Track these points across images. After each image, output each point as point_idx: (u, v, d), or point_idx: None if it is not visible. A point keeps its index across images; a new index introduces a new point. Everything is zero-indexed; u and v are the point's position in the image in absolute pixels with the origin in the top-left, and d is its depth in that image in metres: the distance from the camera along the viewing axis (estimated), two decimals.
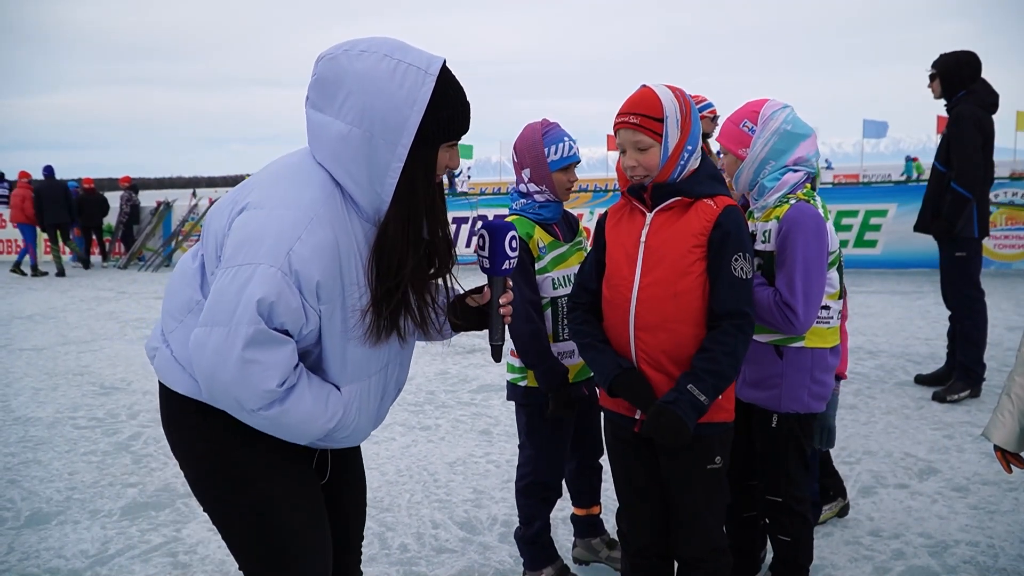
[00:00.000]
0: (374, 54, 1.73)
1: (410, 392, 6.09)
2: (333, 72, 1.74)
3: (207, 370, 1.71)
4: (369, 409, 1.94)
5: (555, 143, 2.85)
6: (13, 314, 10.54)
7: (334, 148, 1.75)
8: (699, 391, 2.17)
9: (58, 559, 3.53)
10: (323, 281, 1.71)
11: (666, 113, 2.25)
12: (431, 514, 3.89)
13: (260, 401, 1.71)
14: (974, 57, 5.35)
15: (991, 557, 3.27)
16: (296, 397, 1.75)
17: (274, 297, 1.66)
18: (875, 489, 3.99)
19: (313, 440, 1.86)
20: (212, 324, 1.69)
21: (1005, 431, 2.38)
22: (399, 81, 1.71)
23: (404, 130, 1.72)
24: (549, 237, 2.90)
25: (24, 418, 5.71)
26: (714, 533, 2.39)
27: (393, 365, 2.00)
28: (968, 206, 5.22)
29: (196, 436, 1.90)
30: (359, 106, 1.71)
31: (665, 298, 2.27)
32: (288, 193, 1.75)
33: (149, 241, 16.71)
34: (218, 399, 1.75)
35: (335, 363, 1.83)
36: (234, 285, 1.67)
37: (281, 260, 1.66)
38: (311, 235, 1.69)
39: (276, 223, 1.69)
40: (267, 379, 1.69)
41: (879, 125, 24.72)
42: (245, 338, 1.66)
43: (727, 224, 2.25)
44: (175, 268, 1.98)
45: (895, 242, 11.37)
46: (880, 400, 5.47)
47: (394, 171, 1.74)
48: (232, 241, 1.72)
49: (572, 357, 2.91)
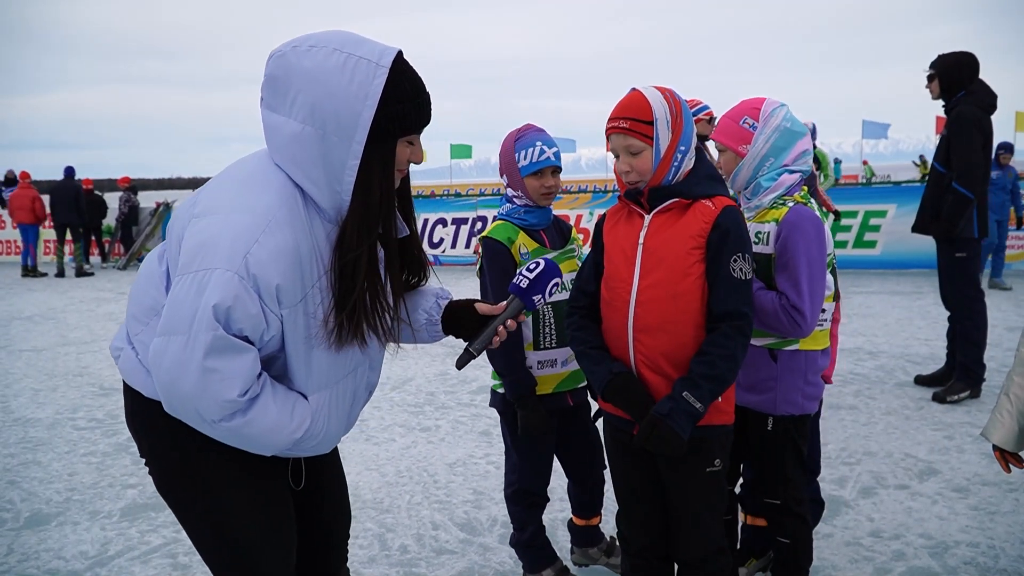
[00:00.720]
0: (323, 48, 1.68)
1: (410, 393, 6.09)
2: (282, 70, 1.70)
3: (166, 381, 1.66)
4: (339, 416, 1.89)
5: (526, 148, 2.81)
6: (13, 315, 10.54)
7: (289, 149, 1.71)
8: (695, 398, 2.16)
9: (58, 560, 3.53)
10: (283, 285, 1.66)
11: (656, 115, 2.24)
12: (431, 515, 3.88)
13: (221, 412, 1.65)
14: (972, 58, 5.35)
15: (991, 558, 3.27)
16: (260, 408, 1.70)
17: (231, 302, 1.61)
18: (875, 490, 3.99)
19: (280, 451, 1.80)
20: (170, 333, 1.64)
21: (1004, 431, 2.38)
22: (350, 76, 1.66)
23: (358, 126, 1.67)
24: (534, 243, 2.87)
25: (24, 419, 5.71)
26: (714, 535, 2.39)
27: (362, 369, 1.94)
28: (969, 207, 5.22)
29: (159, 438, 1.86)
30: (310, 103, 1.66)
31: (664, 300, 2.26)
32: (244, 198, 1.70)
33: (149, 242, 16.72)
34: (178, 411, 1.70)
35: (300, 370, 1.78)
36: (190, 292, 1.62)
37: (238, 264, 1.61)
38: (269, 238, 1.64)
39: (231, 228, 1.64)
40: (228, 389, 1.64)
41: (880, 126, 24.64)
42: (205, 346, 1.61)
43: (726, 224, 2.24)
44: (140, 270, 1.94)
45: (895, 243, 11.38)
46: (880, 401, 5.47)
47: (351, 168, 1.69)
48: (187, 248, 1.67)
49: (555, 367, 2.88)
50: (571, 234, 3.04)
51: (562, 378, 2.91)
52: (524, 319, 2.08)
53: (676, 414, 2.15)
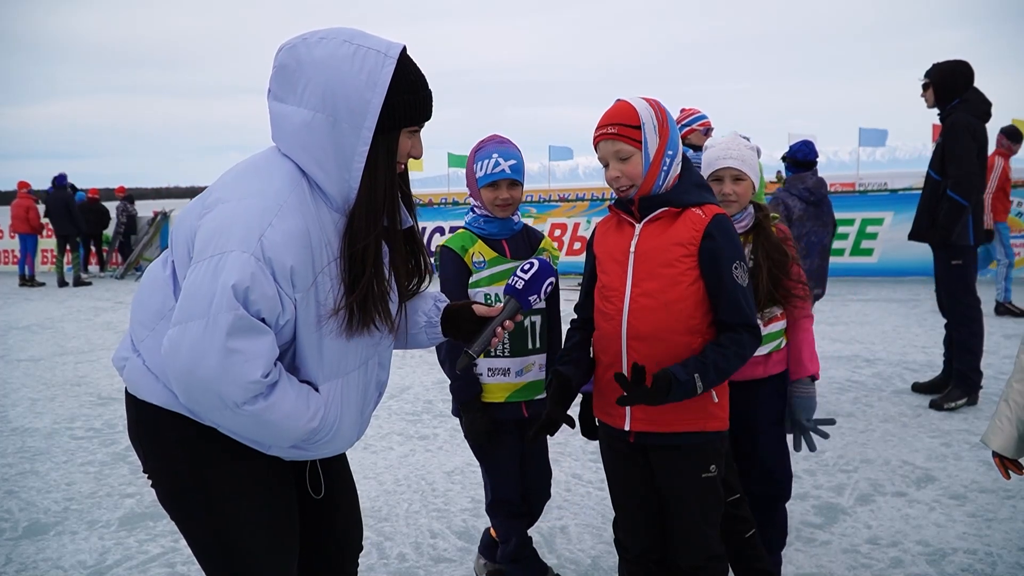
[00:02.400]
0: (333, 40, 1.73)
1: (408, 401, 6.09)
2: (293, 59, 1.74)
3: (184, 368, 1.63)
4: (351, 408, 1.90)
5: (482, 160, 2.82)
6: (10, 324, 10.53)
7: (299, 137, 1.74)
8: (702, 384, 2.18)
9: (56, 570, 3.52)
10: (297, 267, 1.67)
11: (642, 120, 2.28)
12: (429, 523, 3.88)
13: (244, 394, 1.64)
14: (967, 66, 5.38)
15: (989, 565, 3.28)
16: (280, 392, 1.70)
17: (248, 282, 1.61)
18: (873, 497, 3.99)
19: (297, 441, 1.80)
20: (187, 320, 1.63)
21: (1003, 437, 2.38)
22: (359, 65, 1.71)
23: (367, 113, 1.71)
24: (492, 253, 2.87)
25: (21, 428, 5.70)
26: (710, 541, 2.40)
27: (372, 363, 1.96)
28: (964, 214, 5.25)
29: (166, 449, 1.84)
30: (320, 91, 1.70)
31: (656, 308, 2.28)
32: (254, 184, 1.72)
33: (146, 251, 16.71)
34: (198, 399, 1.67)
35: (312, 358, 1.78)
36: (207, 276, 1.62)
37: (253, 246, 1.63)
38: (282, 221, 1.66)
39: (244, 212, 1.66)
40: (251, 369, 1.63)
41: (878, 133, 24.63)
42: (226, 326, 1.60)
43: (717, 233, 2.26)
44: (142, 279, 1.94)
45: (892, 250, 11.40)
46: (877, 408, 5.48)
47: (360, 155, 1.73)
48: (201, 237, 1.68)
49: (507, 376, 2.88)
50: (540, 245, 3.00)
51: (516, 388, 2.89)
52: (520, 319, 2.10)
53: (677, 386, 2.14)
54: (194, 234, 1.72)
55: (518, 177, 2.84)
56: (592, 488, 4.19)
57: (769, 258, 2.77)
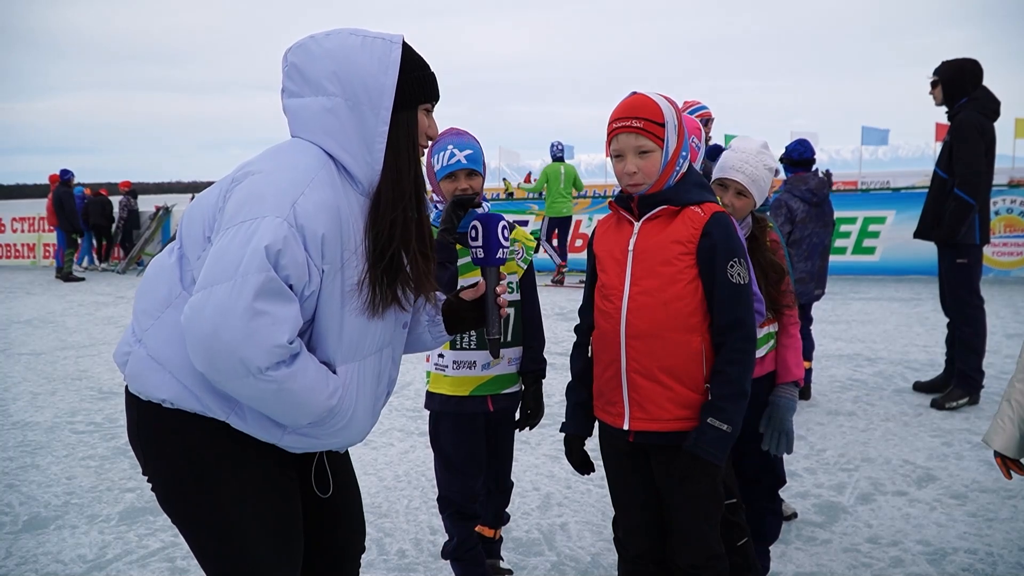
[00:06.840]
0: (340, 33, 1.82)
1: (408, 398, 6.09)
2: (305, 55, 1.81)
3: (208, 331, 1.61)
4: (366, 396, 1.89)
5: (437, 152, 2.78)
6: (12, 318, 10.54)
7: (322, 122, 1.79)
8: (720, 421, 2.19)
9: (56, 564, 3.52)
10: (328, 237, 1.69)
11: (666, 119, 2.25)
12: (429, 520, 3.88)
13: (268, 358, 1.62)
14: (976, 64, 5.36)
15: (989, 565, 3.27)
16: (302, 363, 1.69)
17: (281, 245, 1.62)
18: (873, 496, 3.99)
19: (315, 419, 1.77)
20: (213, 283, 1.62)
21: (1005, 437, 2.38)
22: (369, 51, 1.78)
23: (383, 93, 1.78)
24: (459, 245, 2.82)
25: (22, 422, 5.71)
26: (710, 540, 2.39)
27: (387, 353, 1.96)
28: (971, 213, 5.23)
29: (169, 448, 1.82)
30: (338, 78, 1.77)
31: (655, 306, 2.27)
32: (286, 159, 1.76)
33: (148, 246, 16.72)
34: (219, 366, 1.63)
35: (332, 337, 1.78)
36: (237, 240, 1.63)
37: (286, 211, 1.65)
38: (313, 192, 1.70)
39: (276, 182, 1.70)
40: (278, 333, 1.62)
41: (880, 132, 24.56)
42: (256, 286, 1.60)
43: (716, 231, 2.25)
44: (146, 271, 1.92)
45: (893, 249, 11.39)
46: (879, 407, 5.47)
47: (381, 135, 1.79)
48: (231, 205, 1.69)
49: (473, 369, 2.84)
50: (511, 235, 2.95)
51: (482, 381, 2.86)
52: (505, 277, 2.13)
53: (701, 443, 2.19)
54: (219, 207, 1.73)
55: (475, 167, 2.78)
56: (592, 485, 4.19)
57: (765, 276, 2.86)
